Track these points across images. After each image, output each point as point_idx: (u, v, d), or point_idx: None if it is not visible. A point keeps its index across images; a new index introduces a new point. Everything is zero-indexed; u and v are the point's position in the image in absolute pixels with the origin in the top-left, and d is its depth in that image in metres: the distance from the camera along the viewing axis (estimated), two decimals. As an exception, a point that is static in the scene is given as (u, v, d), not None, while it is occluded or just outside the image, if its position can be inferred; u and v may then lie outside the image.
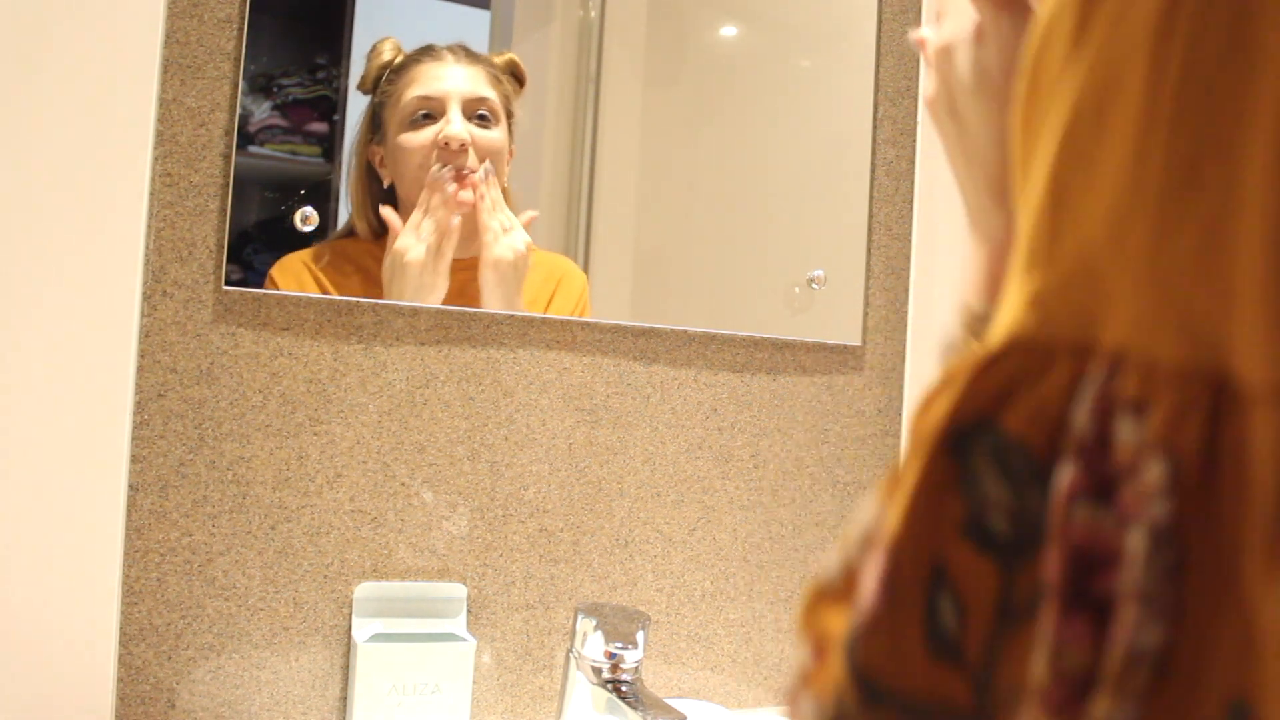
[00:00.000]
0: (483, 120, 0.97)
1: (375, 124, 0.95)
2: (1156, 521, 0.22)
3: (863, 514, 0.28)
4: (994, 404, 0.25)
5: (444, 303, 0.96)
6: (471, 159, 0.96)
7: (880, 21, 1.16)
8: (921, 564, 0.25)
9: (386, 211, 0.94)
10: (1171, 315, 0.23)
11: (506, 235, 0.97)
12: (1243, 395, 0.22)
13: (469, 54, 0.98)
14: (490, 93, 0.97)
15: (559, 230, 1.03)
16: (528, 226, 0.99)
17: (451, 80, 0.96)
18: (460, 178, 0.95)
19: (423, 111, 0.95)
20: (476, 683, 0.96)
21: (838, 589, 0.28)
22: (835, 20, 1.15)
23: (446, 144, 0.95)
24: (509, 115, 0.99)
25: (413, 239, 0.94)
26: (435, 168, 0.95)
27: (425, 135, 0.95)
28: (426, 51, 0.96)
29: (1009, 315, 0.26)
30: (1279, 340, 0.22)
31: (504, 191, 0.99)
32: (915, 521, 0.25)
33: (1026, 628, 0.24)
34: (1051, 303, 0.25)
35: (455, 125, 0.95)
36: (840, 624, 0.27)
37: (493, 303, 0.97)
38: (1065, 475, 0.24)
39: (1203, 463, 0.22)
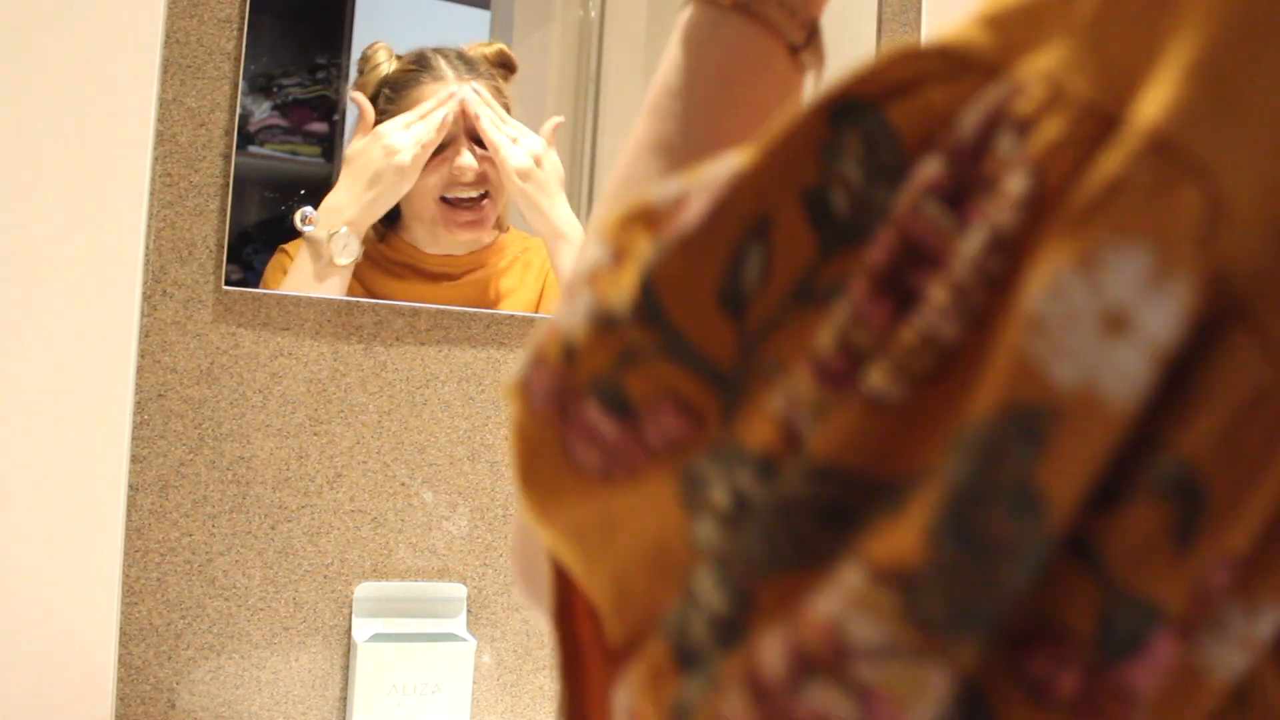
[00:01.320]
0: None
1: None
2: (999, 228, 0.22)
3: (724, 161, 0.27)
4: (889, 91, 0.24)
5: (437, 300, 0.96)
6: (479, 179, 0.96)
7: (880, 21, 1.16)
8: (751, 210, 0.25)
9: (357, 95, 0.93)
10: (1095, 59, 0.23)
11: (518, 144, 0.96)
12: (1123, 132, 0.22)
13: (464, 59, 0.97)
14: (488, 98, 0.97)
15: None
16: (554, 132, 0.98)
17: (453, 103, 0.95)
18: (473, 208, 0.96)
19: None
20: (476, 683, 0.96)
21: (661, 212, 0.27)
22: (835, 20, 1.15)
23: (460, 174, 0.95)
24: (505, 106, 0.98)
25: (406, 138, 0.93)
26: (445, 108, 0.94)
27: (433, 170, 0.94)
28: (422, 64, 0.95)
29: (954, 29, 0.25)
30: (1185, 92, 0.22)
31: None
32: (764, 169, 0.25)
33: (815, 312, 0.24)
34: (995, 25, 0.25)
35: (466, 156, 0.95)
36: (648, 243, 0.27)
37: (534, 218, 0.97)
38: (927, 169, 0.23)
39: (1063, 189, 0.22)
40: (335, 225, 0.91)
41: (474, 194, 0.96)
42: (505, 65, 0.99)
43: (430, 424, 0.95)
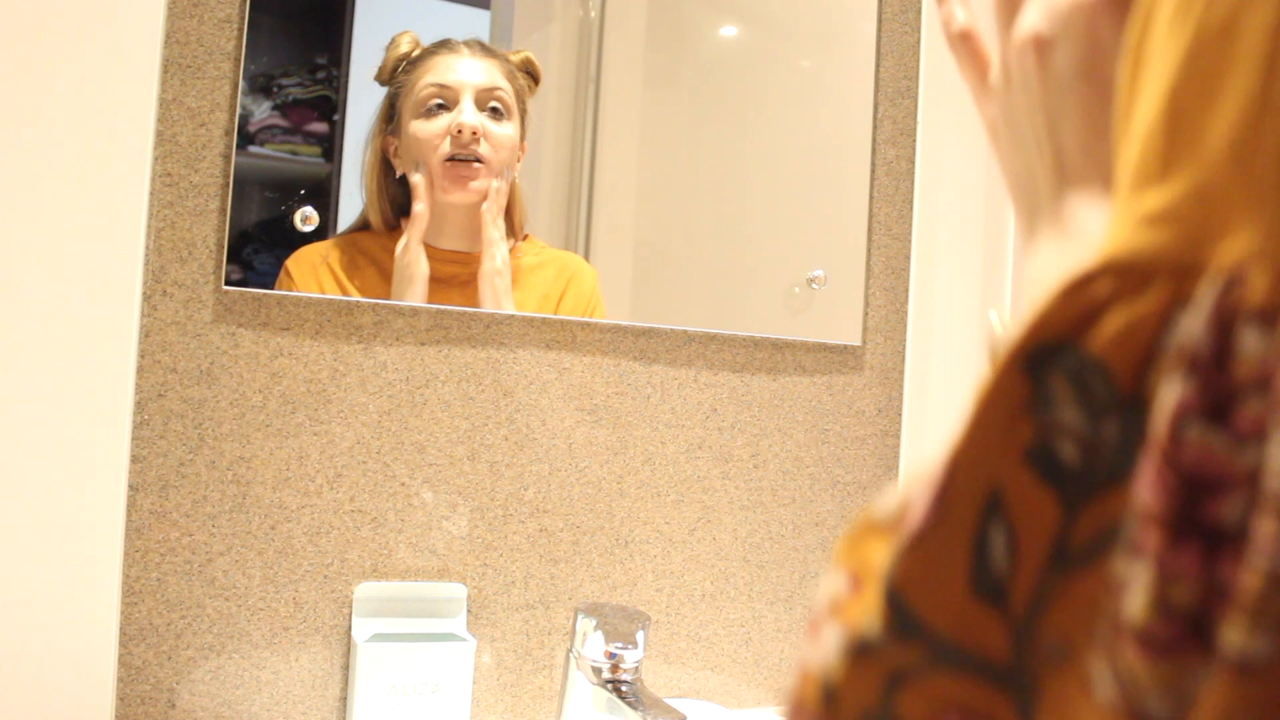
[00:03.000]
0: (495, 113, 0.97)
1: (390, 114, 0.96)
2: None
3: (933, 456, 0.26)
4: (1079, 324, 0.23)
5: (445, 303, 0.96)
6: (484, 148, 0.96)
7: (880, 21, 1.16)
8: (978, 487, 0.23)
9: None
10: None
11: (497, 247, 0.98)
12: None
13: (485, 48, 0.99)
14: (504, 84, 0.98)
15: (559, 230, 1.03)
16: (526, 240, 1.01)
17: (466, 71, 0.97)
18: (467, 165, 0.96)
19: (436, 100, 0.96)
20: (476, 683, 0.96)
21: (888, 523, 0.26)
22: (835, 20, 1.15)
23: (460, 131, 0.95)
24: (523, 112, 0.99)
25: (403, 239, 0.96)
26: (417, 174, 0.96)
27: (438, 124, 0.95)
28: (443, 44, 0.97)
29: (1109, 238, 0.24)
30: None
31: (514, 188, 0.99)
32: (978, 441, 0.23)
33: (1083, 575, 0.22)
34: (1165, 221, 0.23)
35: (468, 114, 0.95)
36: (884, 557, 0.25)
37: (489, 304, 0.99)
38: (1173, 393, 0.21)
39: None
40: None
41: (470, 156, 0.96)
42: (529, 73, 1.00)
43: (430, 424, 0.95)
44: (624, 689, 0.85)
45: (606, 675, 0.86)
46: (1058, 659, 0.22)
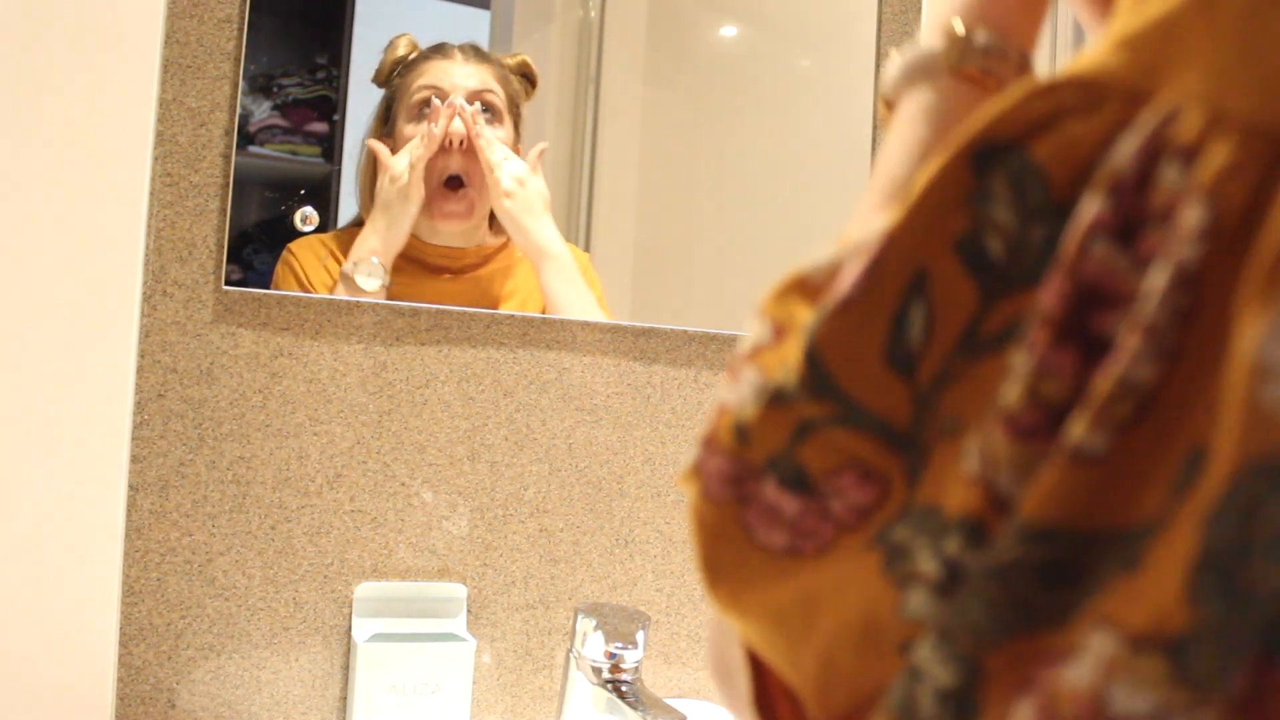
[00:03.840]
0: (485, 115, 0.97)
1: (386, 117, 0.96)
2: (1183, 263, 0.21)
3: (870, 223, 0.27)
4: (1031, 129, 0.24)
5: (443, 298, 0.96)
6: (463, 161, 0.97)
7: (880, 21, 1.16)
8: (906, 267, 0.24)
9: (373, 142, 0.95)
10: (1253, 72, 0.22)
11: (505, 164, 0.98)
12: None
13: (479, 53, 0.99)
14: (496, 88, 0.98)
15: (559, 230, 1.03)
16: (539, 158, 1.00)
17: (459, 75, 0.97)
18: (454, 196, 0.97)
19: (426, 107, 0.96)
20: (476, 683, 0.96)
21: (816, 282, 0.27)
22: (835, 20, 1.15)
23: (450, 142, 0.95)
24: (516, 116, 0.99)
25: (402, 160, 0.95)
26: (432, 98, 0.96)
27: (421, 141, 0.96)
28: (438, 49, 0.97)
29: (1087, 53, 0.24)
30: None
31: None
32: (913, 224, 0.24)
33: (985, 362, 0.23)
34: (1130, 46, 0.23)
35: (456, 122, 0.96)
36: (808, 314, 0.26)
37: (519, 237, 0.98)
38: (1090, 208, 0.22)
39: (1243, 216, 0.21)
40: (363, 256, 0.93)
41: (456, 172, 0.96)
42: (526, 77, 1.01)
43: (430, 424, 0.95)
44: (624, 689, 0.85)
45: (606, 675, 0.86)
46: (948, 432, 0.23)
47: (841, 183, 1.14)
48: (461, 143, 0.96)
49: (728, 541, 0.26)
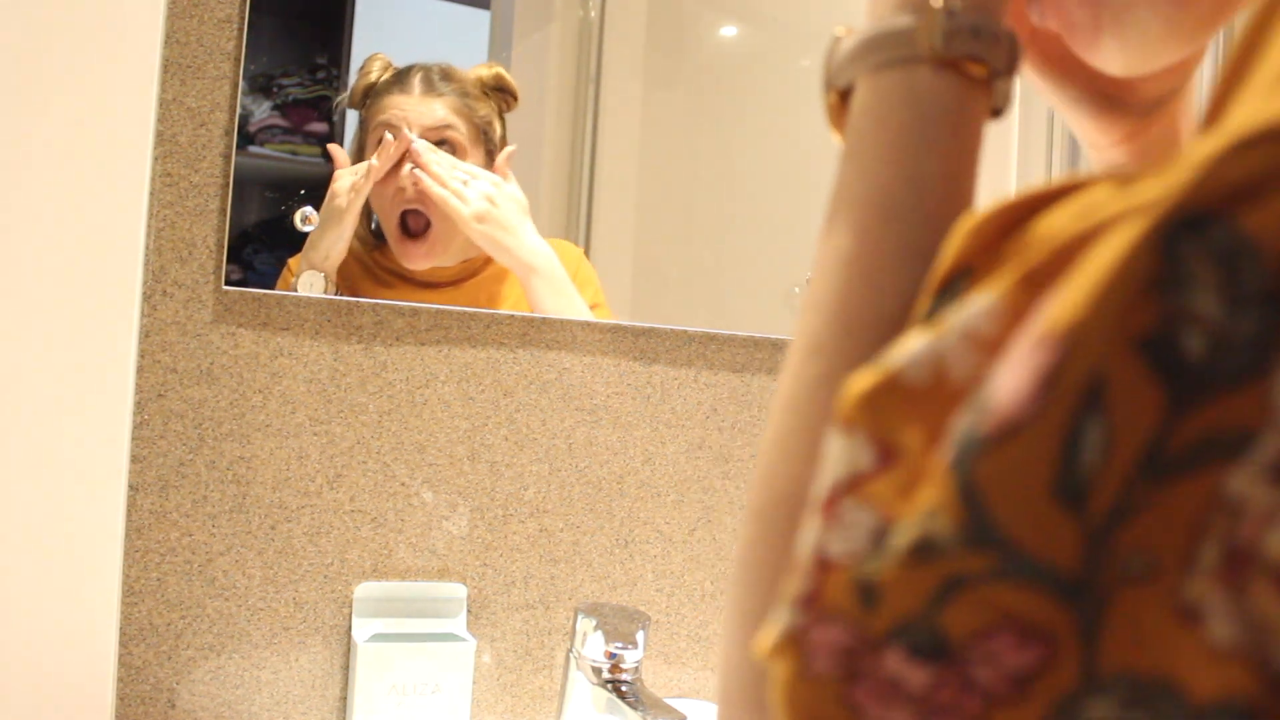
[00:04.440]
0: (444, 147, 0.95)
1: (359, 145, 0.95)
2: None
3: (970, 306, 0.22)
4: (1233, 198, 0.19)
5: (445, 303, 0.96)
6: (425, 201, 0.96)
7: (880, 21, 1.16)
8: (1083, 375, 0.19)
9: (332, 146, 0.94)
10: None
11: (469, 188, 0.96)
12: None
13: (445, 78, 0.96)
14: (456, 121, 0.96)
15: (559, 230, 1.03)
16: (507, 161, 0.98)
17: (413, 112, 0.95)
18: (414, 242, 0.96)
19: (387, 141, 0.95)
20: (476, 683, 0.96)
21: (920, 388, 0.22)
22: (835, 20, 1.15)
23: (403, 188, 0.94)
24: (488, 142, 0.97)
25: (344, 183, 0.93)
26: (386, 133, 0.94)
27: (388, 185, 0.95)
28: (400, 79, 0.95)
29: (1262, 104, 0.20)
30: None
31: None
32: (1091, 321, 0.20)
33: (1181, 485, 0.19)
34: None
35: (409, 165, 0.94)
36: (917, 434, 0.22)
37: (501, 257, 0.97)
38: None
39: None
40: (303, 269, 0.92)
41: (416, 208, 0.95)
42: (501, 89, 0.98)
43: (430, 424, 0.95)
44: (624, 689, 0.85)
45: (606, 675, 0.86)
46: (1137, 576, 0.19)
47: (841, 183, 1.14)
48: (416, 184, 0.94)
49: None
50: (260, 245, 0.91)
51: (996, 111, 0.32)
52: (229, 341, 0.89)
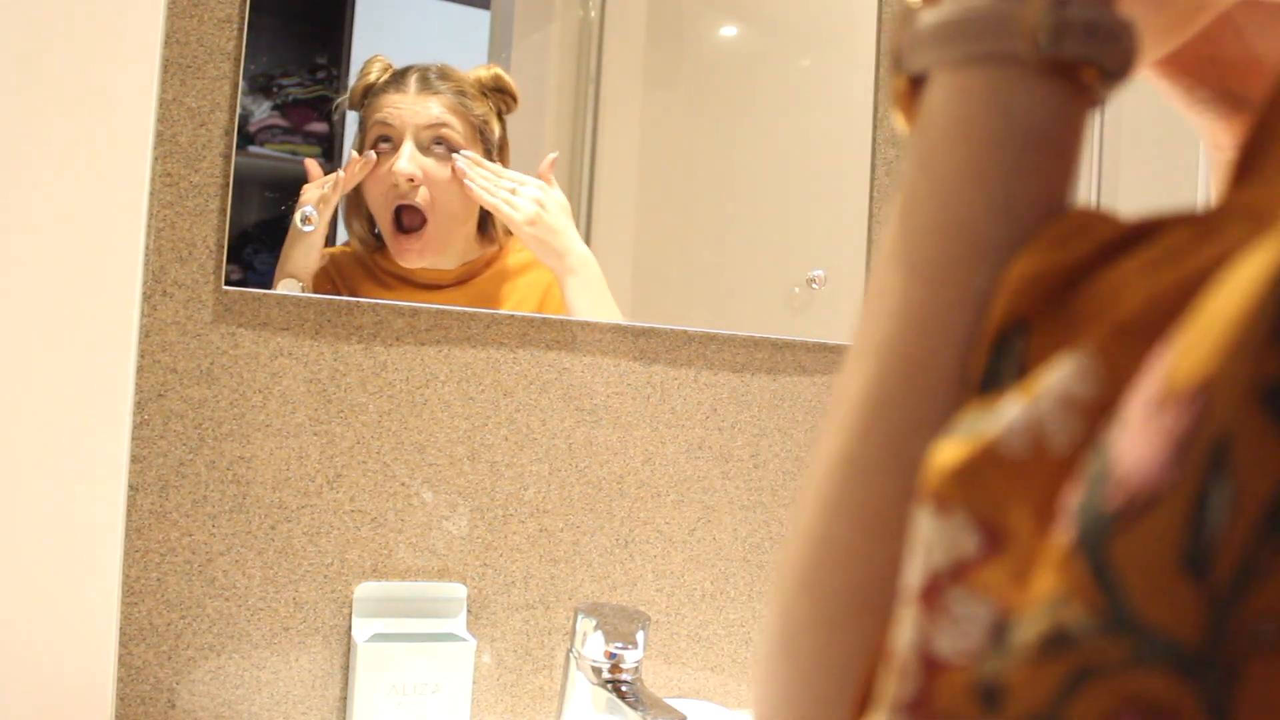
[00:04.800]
0: (439, 149, 0.96)
1: (360, 146, 0.95)
2: None
3: (1063, 367, 0.20)
4: None
5: (446, 303, 0.96)
6: (423, 195, 0.95)
7: (880, 21, 1.16)
8: (1209, 435, 0.18)
9: (308, 162, 0.94)
10: None
11: (518, 195, 0.97)
12: None
13: (442, 77, 0.96)
14: (451, 120, 0.96)
15: (559, 230, 1.03)
16: (550, 168, 0.99)
17: (408, 111, 0.95)
18: (409, 238, 0.96)
19: (383, 141, 0.95)
20: (476, 683, 0.96)
21: (1019, 460, 0.20)
22: (835, 20, 1.15)
23: (396, 183, 0.94)
24: (486, 141, 0.97)
25: (311, 194, 0.93)
26: (368, 152, 0.94)
27: (383, 168, 0.95)
28: (397, 79, 0.95)
29: None
30: None
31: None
32: (1231, 372, 0.18)
33: None
34: None
35: (403, 161, 0.94)
36: (1024, 513, 0.20)
37: (551, 259, 0.99)
38: None
39: None
40: (280, 277, 0.92)
41: (412, 202, 0.95)
42: (500, 90, 0.98)
43: (430, 424, 0.95)
44: (624, 689, 0.85)
45: (606, 675, 0.86)
46: (1268, 644, 0.18)
47: (841, 182, 1.14)
48: (412, 179, 0.95)
49: None
50: (260, 245, 0.91)
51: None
52: (229, 341, 0.89)
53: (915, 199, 0.26)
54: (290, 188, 0.92)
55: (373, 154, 0.94)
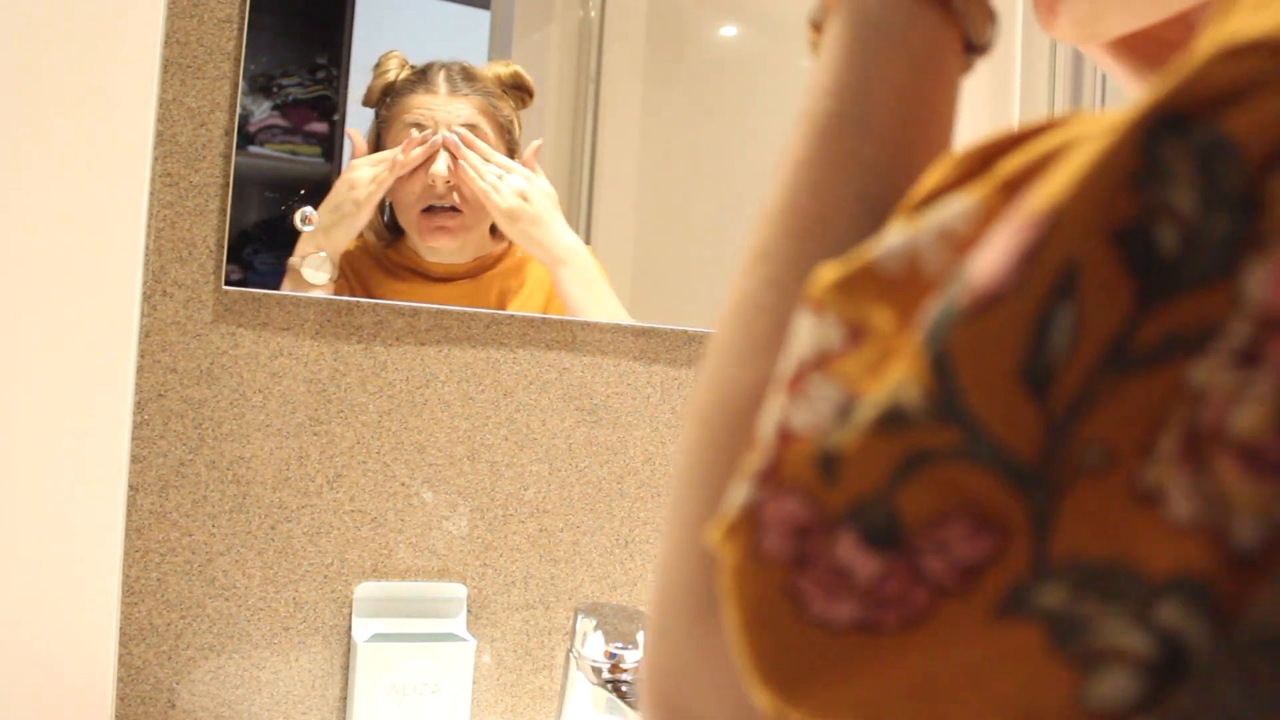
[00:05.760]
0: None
1: (378, 144, 0.95)
2: None
3: (944, 208, 0.22)
4: (1218, 101, 0.19)
5: (447, 296, 0.96)
6: (457, 195, 0.96)
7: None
8: (1059, 259, 0.19)
9: (352, 130, 0.94)
10: None
11: (503, 183, 0.97)
12: None
13: (467, 78, 0.97)
14: (480, 121, 0.96)
15: (559, 230, 1.03)
16: (535, 155, 0.99)
17: (441, 112, 0.95)
18: (445, 214, 0.96)
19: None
20: (476, 683, 0.96)
21: (892, 276, 0.22)
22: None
23: (433, 183, 0.94)
24: (508, 139, 0.98)
25: (365, 174, 0.93)
26: (413, 132, 0.94)
27: (414, 180, 0.95)
28: (423, 77, 0.95)
29: (1265, 17, 0.20)
30: None
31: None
32: (1071, 207, 0.19)
33: (1142, 379, 0.19)
34: None
35: (440, 164, 0.94)
36: (888, 317, 0.22)
37: (534, 250, 0.98)
38: None
39: None
40: (309, 250, 0.92)
41: (446, 204, 0.95)
42: (519, 88, 0.99)
43: (430, 424, 0.95)
44: (624, 689, 0.85)
45: (606, 675, 0.86)
46: (1093, 468, 0.19)
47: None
48: (448, 181, 0.95)
49: (774, 620, 0.21)
50: (260, 245, 0.91)
51: (972, 44, 0.32)
52: (229, 341, 0.89)
53: (805, 95, 0.31)
54: (290, 188, 0.92)
55: (448, 134, 0.94)
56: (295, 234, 0.92)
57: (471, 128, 0.96)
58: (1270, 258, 0.18)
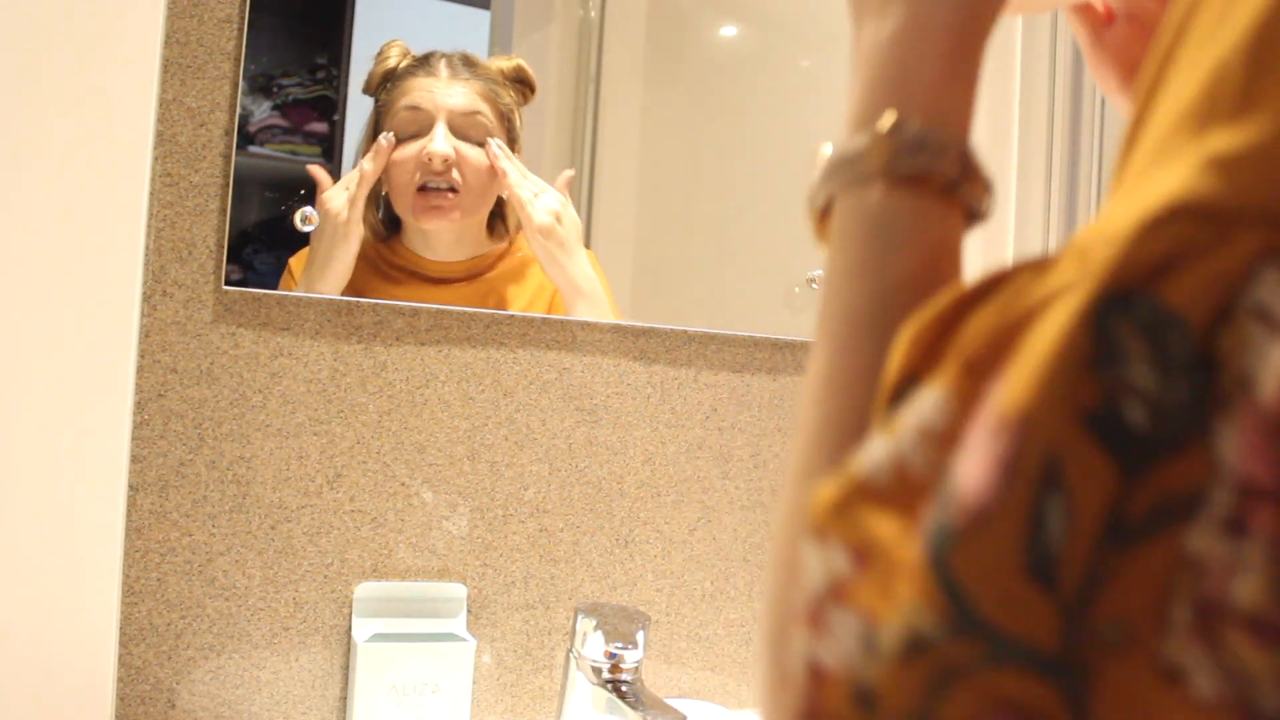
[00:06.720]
0: (473, 134, 0.96)
1: (375, 130, 0.95)
2: None
3: (918, 407, 0.23)
4: (1153, 273, 0.20)
5: (445, 301, 0.96)
6: (456, 175, 0.95)
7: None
8: (1038, 456, 0.20)
9: (312, 167, 0.93)
10: None
11: (539, 200, 0.97)
12: None
13: (468, 64, 0.97)
14: (483, 107, 0.96)
15: (559, 230, 1.03)
16: (567, 185, 0.99)
17: (441, 95, 0.95)
18: (440, 195, 0.95)
19: (412, 124, 0.95)
20: (476, 683, 0.96)
21: (885, 489, 0.23)
22: (835, 20, 1.15)
23: (429, 160, 0.94)
24: (509, 129, 0.98)
25: (339, 196, 0.93)
26: (382, 135, 0.94)
27: (410, 150, 0.94)
28: (425, 62, 0.96)
29: (1172, 179, 0.21)
30: None
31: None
32: (1039, 403, 0.20)
33: (1143, 550, 0.20)
34: (1242, 167, 0.21)
35: (438, 142, 0.94)
36: (891, 530, 0.22)
37: (555, 273, 0.98)
38: (1275, 354, 0.19)
39: None
40: (302, 287, 0.92)
41: (443, 185, 0.95)
42: (521, 81, 0.99)
43: (430, 424, 0.95)
44: (624, 689, 0.85)
45: (606, 675, 0.86)
46: (1115, 645, 0.20)
47: (841, 183, 1.14)
48: (446, 158, 0.95)
49: None
50: (260, 245, 0.91)
51: (974, 214, 0.32)
52: (229, 341, 0.89)
53: (821, 301, 0.32)
54: (290, 188, 0.92)
55: (391, 134, 0.94)
56: (295, 234, 0.92)
57: (474, 113, 0.96)
58: (1236, 420, 0.19)
